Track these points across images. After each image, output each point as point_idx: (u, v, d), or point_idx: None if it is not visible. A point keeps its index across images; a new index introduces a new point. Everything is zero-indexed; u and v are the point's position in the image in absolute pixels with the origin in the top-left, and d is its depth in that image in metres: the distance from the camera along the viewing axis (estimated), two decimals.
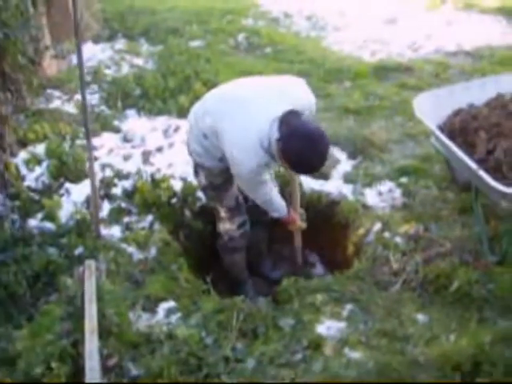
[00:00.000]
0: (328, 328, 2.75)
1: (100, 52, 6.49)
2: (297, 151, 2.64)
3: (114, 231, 3.48)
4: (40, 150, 4.11)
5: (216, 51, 6.64)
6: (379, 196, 3.84)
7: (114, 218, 3.58)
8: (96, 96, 5.32)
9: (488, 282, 2.95)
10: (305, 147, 2.61)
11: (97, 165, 3.91)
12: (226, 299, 2.96)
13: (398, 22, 7.59)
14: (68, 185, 3.82)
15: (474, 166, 2.89)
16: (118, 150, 4.36)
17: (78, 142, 4.29)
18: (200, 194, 3.80)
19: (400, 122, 4.81)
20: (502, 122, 3.12)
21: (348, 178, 4.04)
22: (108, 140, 4.50)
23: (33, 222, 3.45)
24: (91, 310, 2.54)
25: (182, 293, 3.06)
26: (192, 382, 2.46)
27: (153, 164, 4.13)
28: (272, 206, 3.11)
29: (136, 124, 4.82)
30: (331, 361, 2.53)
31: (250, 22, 7.83)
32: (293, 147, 2.64)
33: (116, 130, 4.70)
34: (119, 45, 6.81)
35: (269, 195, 3.04)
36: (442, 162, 3.96)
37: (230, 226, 3.30)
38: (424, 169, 4.05)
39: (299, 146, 2.62)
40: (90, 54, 6.24)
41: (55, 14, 5.59)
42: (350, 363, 2.51)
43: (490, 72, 5.12)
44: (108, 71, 5.92)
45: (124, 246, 3.34)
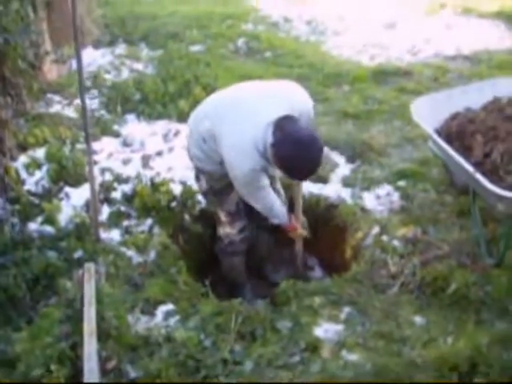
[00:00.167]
0: (326, 330, 2.76)
1: (100, 57, 6.51)
2: (289, 157, 2.67)
3: (114, 235, 3.49)
4: (40, 154, 4.13)
5: (216, 56, 6.66)
6: (377, 199, 3.85)
7: (114, 222, 3.60)
8: (96, 101, 5.35)
9: (485, 284, 2.97)
10: (297, 153, 2.63)
11: (96, 169, 3.93)
12: (225, 302, 2.98)
13: (397, 27, 7.60)
14: (68, 189, 3.83)
15: (471, 169, 2.90)
16: (117, 154, 4.38)
17: (78, 146, 4.31)
18: (199, 198, 3.82)
19: (399, 125, 4.82)
20: (499, 125, 3.12)
21: (346, 182, 4.05)
22: (108, 144, 4.52)
23: (32, 226, 3.47)
24: (90, 312, 2.54)
25: (181, 296, 3.07)
26: (190, 383, 2.47)
27: (152, 168, 4.15)
28: (272, 212, 3.10)
29: (136, 128, 4.84)
30: (329, 363, 2.55)
31: (250, 26, 7.85)
32: (285, 153, 2.66)
33: (116, 135, 4.72)
34: (119, 50, 6.83)
35: (267, 201, 3.03)
36: (439, 166, 3.97)
37: (230, 231, 3.31)
38: (422, 172, 4.07)
39: (291, 152, 2.64)
40: (90, 58, 6.27)
41: (56, 19, 5.60)
42: (348, 365, 2.53)
43: (488, 76, 5.12)
44: (108, 76, 5.94)
45: (123, 250, 3.35)
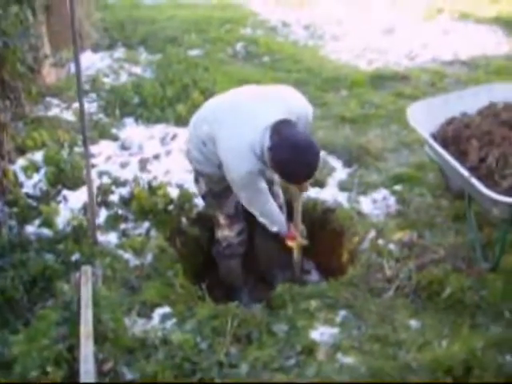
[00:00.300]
0: (321, 334, 2.77)
1: (99, 60, 6.53)
2: (286, 161, 2.68)
3: (111, 238, 3.50)
4: (38, 157, 4.15)
5: (214, 60, 6.68)
6: (374, 204, 3.87)
7: (111, 225, 3.61)
8: (94, 104, 5.37)
9: (481, 288, 2.98)
10: (293, 157, 2.65)
11: (94, 172, 3.94)
12: (221, 305, 2.99)
13: (395, 32, 7.63)
14: (65, 192, 3.84)
15: (467, 173, 2.91)
16: (115, 157, 4.39)
17: (76, 149, 4.32)
18: (196, 202, 3.84)
19: (395, 130, 4.85)
20: (494, 130, 3.15)
21: (343, 186, 4.07)
22: (106, 148, 4.54)
23: (30, 229, 3.48)
24: (87, 314, 2.54)
25: (178, 299, 3.09)
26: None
27: (150, 171, 4.16)
28: (271, 218, 3.09)
29: (134, 132, 4.86)
30: (324, 366, 2.55)
31: (249, 31, 7.87)
32: (282, 157, 2.68)
33: (114, 138, 4.73)
34: (118, 53, 6.85)
35: (267, 207, 3.03)
36: (436, 170, 3.99)
37: (228, 233, 3.33)
38: (418, 177, 4.09)
39: (287, 156, 2.66)
40: (88, 62, 6.29)
41: (55, 22, 5.63)
42: (343, 368, 2.54)
43: (486, 81, 5.14)
44: (106, 79, 5.96)
45: (120, 253, 3.37)
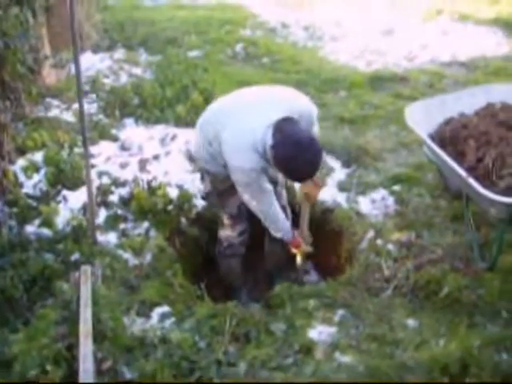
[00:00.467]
0: (319, 333, 2.78)
1: (99, 61, 6.55)
2: (287, 158, 2.69)
3: (110, 237, 3.52)
4: (38, 157, 4.16)
5: (214, 61, 6.70)
6: (373, 204, 3.89)
7: (111, 225, 3.63)
8: (94, 105, 5.38)
9: (478, 287, 3.00)
10: (296, 154, 2.66)
11: (94, 172, 3.96)
12: (220, 305, 3.00)
13: (394, 33, 7.66)
14: (65, 192, 3.86)
15: (464, 173, 2.93)
16: (115, 158, 4.40)
17: (76, 150, 4.33)
18: (196, 202, 3.85)
19: (394, 131, 4.87)
20: (491, 130, 3.16)
21: (342, 186, 4.09)
22: (106, 148, 4.55)
23: (30, 228, 3.49)
24: (86, 314, 2.56)
25: (177, 298, 3.10)
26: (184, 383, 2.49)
27: (149, 172, 4.17)
28: (275, 223, 3.10)
29: (134, 133, 4.87)
30: (322, 364, 2.57)
31: (248, 32, 7.91)
32: (284, 154, 2.69)
33: (114, 139, 4.74)
34: (118, 54, 6.87)
35: (270, 210, 3.03)
36: (434, 171, 4.01)
37: (230, 233, 3.35)
38: (417, 177, 4.10)
39: (289, 154, 2.67)
40: (89, 63, 6.31)
41: (55, 24, 5.64)
42: (341, 367, 2.55)
43: (484, 82, 5.16)
44: (106, 80, 5.98)
45: (120, 252, 3.38)
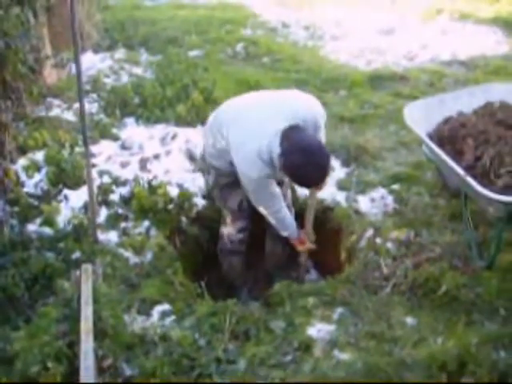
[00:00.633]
0: (318, 330, 2.80)
1: (100, 61, 6.56)
2: (298, 165, 2.74)
3: (111, 236, 3.54)
4: (39, 156, 4.18)
5: (214, 60, 6.71)
6: (372, 202, 3.90)
7: (111, 224, 3.65)
8: (95, 104, 5.39)
9: (476, 286, 3.02)
10: (305, 160, 2.71)
11: (95, 171, 3.98)
12: (220, 303, 3.01)
13: (394, 32, 7.66)
14: (66, 191, 3.87)
15: (462, 172, 2.95)
16: (116, 157, 4.42)
17: (77, 149, 4.35)
18: (196, 201, 3.88)
19: (394, 130, 4.88)
20: (490, 129, 3.17)
21: (341, 185, 4.10)
22: (106, 147, 4.57)
23: (31, 227, 3.52)
24: (87, 311, 2.58)
25: (177, 296, 3.12)
26: (184, 381, 2.51)
27: (150, 171, 4.19)
28: (282, 222, 3.17)
29: (134, 132, 4.88)
30: (321, 362, 2.58)
31: (249, 31, 7.91)
32: (294, 162, 2.74)
33: (115, 138, 4.76)
34: (119, 54, 6.87)
35: (278, 210, 3.10)
36: (433, 170, 4.03)
37: (230, 230, 3.40)
38: (416, 176, 4.12)
39: (298, 161, 2.72)
40: (89, 63, 6.32)
41: (56, 23, 5.65)
42: (339, 364, 2.56)
43: (484, 81, 5.18)
44: (107, 80, 5.99)
45: (120, 251, 3.40)
